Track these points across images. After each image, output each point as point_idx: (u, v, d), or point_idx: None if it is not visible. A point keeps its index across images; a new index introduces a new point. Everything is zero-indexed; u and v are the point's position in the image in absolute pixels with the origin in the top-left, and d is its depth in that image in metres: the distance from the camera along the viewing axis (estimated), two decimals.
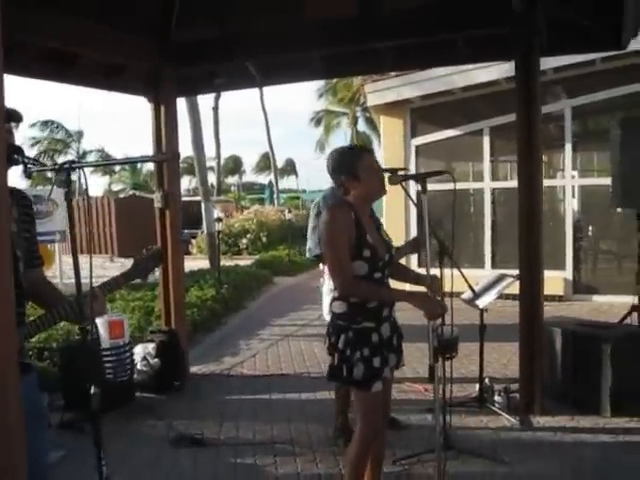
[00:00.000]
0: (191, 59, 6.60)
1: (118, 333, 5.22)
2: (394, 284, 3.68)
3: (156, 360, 6.31)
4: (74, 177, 2.46)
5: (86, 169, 2.45)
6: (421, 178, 3.43)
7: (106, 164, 6.36)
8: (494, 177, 11.42)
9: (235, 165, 59.16)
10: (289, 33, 6.17)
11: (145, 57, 6.47)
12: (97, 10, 5.71)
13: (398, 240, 4.19)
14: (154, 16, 6.36)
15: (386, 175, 3.52)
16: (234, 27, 6.38)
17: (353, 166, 3.39)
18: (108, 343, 5.19)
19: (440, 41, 6.13)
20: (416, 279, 3.66)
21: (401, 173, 3.72)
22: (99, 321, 5.15)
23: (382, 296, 3.37)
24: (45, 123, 38.63)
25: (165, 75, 6.62)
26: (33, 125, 37.26)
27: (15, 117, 2.53)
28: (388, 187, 3.51)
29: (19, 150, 2.45)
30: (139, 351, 6.33)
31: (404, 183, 3.63)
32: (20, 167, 2.45)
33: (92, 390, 2.35)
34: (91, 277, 2.54)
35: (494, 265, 10.85)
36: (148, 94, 6.78)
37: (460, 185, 12.02)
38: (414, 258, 10.71)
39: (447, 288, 4.23)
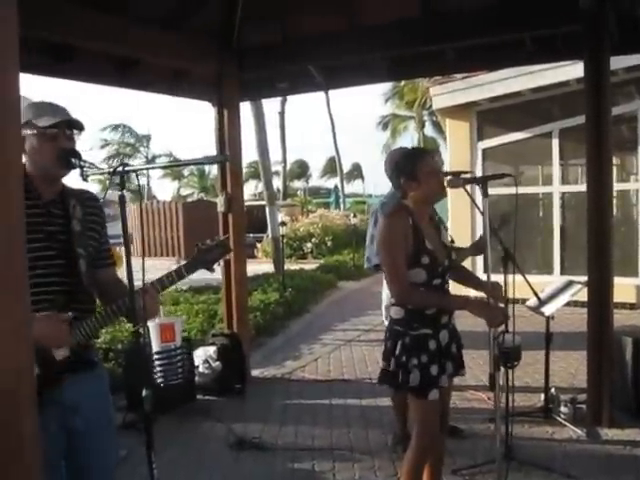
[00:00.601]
0: (254, 63, 6.64)
1: (169, 337, 5.26)
2: (456, 288, 3.59)
3: (218, 363, 6.35)
4: (141, 181, 2.49)
5: (155, 174, 2.47)
6: (482, 181, 3.33)
7: (160, 167, 6.53)
8: (564, 181, 11.10)
9: (301, 169, 59.48)
10: (351, 36, 6.13)
11: (208, 62, 6.53)
12: (162, 16, 5.79)
13: (463, 243, 4.09)
14: (217, 21, 6.41)
15: (446, 178, 3.44)
16: (296, 31, 6.36)
17: (412, 168, 3.32)
18: (159, 347, 5.23)
19: (506, 41, 5.98)
20: (478, 285, 3.55)
21: (465, 176, 3.63)
22: (150, 325, 5.20)
23: (439, 304, 3.29)
24: (116, 127, 39.70)
25: (228, 80, 6.67)
26: (104, 129, 38.36)
27: (77, 125, 2.58)
28: (454, 190, 3.44)
29: (76, 154, 2.49)
30: (200, 354, 6.39)
31: (468, 186, 3.54)
32: (77, 171, 2.50)
33: (144, 392, 2.33)
34: (143, 278, 2.57)
35: (563, 271, 10.53)
36: (212, 98, 6.85)
37: (529, 189, 11.77)
38: (480, 263, 10.54)
39: (511, 294, 4.13)
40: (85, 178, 2.55)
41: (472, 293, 4.01)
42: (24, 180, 2.54)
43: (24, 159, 2.55)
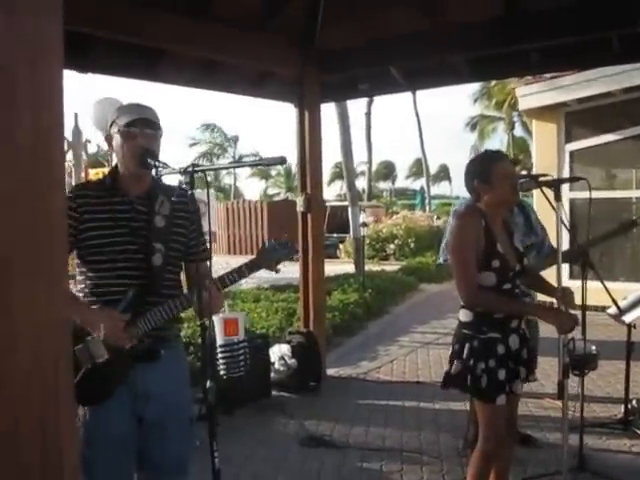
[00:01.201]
0: (335, 65, 6.69)
1: (232, 330, 5.37)
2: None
3: (293, 360, 6.44)
4: (229, 181, 2.58)
5: (243, 173, 2.56)
6: (554, 185, 3.26)
7: (223, 168, 6.69)
8: None
9: (387, 170, 59.32)
10: (433, 36, 6.08)
11: (290, 63, 6.62)
12: (243, 17, 5.91)
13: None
14: (299, 22, 6.48)
15: (519, 181, 3.39)
16: (378, 32, 6.36)
17: (485, 171, 3.30)
18: (223, 340, 5.37)
19: (591, 41, 5.82)
20: (549, 291, 3.48)
21: (544, 179, 3.57)
22: (215, 318, 5.34)
23: (507, 308, 3.24)
24: (207, 126, 40.63)
25: (309, 81, 6.75)
26: (197, 128, 39.41)
27: (152, 124, 2.69)
28: (540, 195, 3.38)
29: (152, 154, 2.60)
30: (276, 351, 6.50)
31: (548, 189, 3.46)
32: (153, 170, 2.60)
33: (207, 384, 2.41)
34: (211, 276, 2.65)
35: None
36: (293, 100, 6.95)
37: (620, 193, 11.39)
38: (566, 270, 10.27)
39: (588, 301, 4.03)
40: (159, 177, 2.68)
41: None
42: (113, 178, 2.71)
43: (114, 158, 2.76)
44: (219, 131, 41.25)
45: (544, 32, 5.58)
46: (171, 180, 2.73)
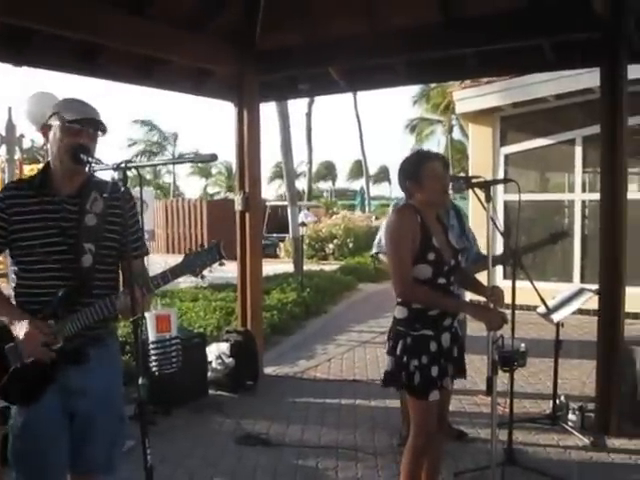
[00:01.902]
0: (274, 65, 6.70)
1: (164, 327, 5.37)
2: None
3: (230, 359, 6.42)
4: (169, 179, 2.56)
5: (183, 171, 2.55)
6: (485, 186, 3.36)
7: (156, 164, 6.58)
8: (586, 188, 11.02)
9: (328, 170, 59.55)
10: (371, 39, 6.15)
11: (229, 62, 6.61)
12: (183, 17, 5.89)
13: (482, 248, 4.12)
14: (239, 23, 6.48)
15: (451, 182, 3.47)
16: (317, 33, 6.41)
17: (415, 171, 3.38)
18: (155, 336, 5.35)
19: (526, 47, 5.98)
20: (479, 289, 3.57)
21: (476, 181, 3.66)
22: (147, 315, 5.32)
23: (439, 303, 3.32)
24: (142, 122, 39.97)
25: (248, 80, 6.74)
26: (132, 123, 38.69)
27: (101, 127, 2.66)
28: (474, 198, 3.46)
29: (85, 149, 2.57)
30: (214, 350, 6.48)
31: (480, 190, 3.54)
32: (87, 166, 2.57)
33: (140, 381, 2.41)
34: (146, 274, 2.63)
35: (583, 279, 10.46)
36: (232, 99, 6.93)
37: (551, 196, 11.72)
38: (499, 270, 10.50)
39: (521, 301, 4.17)
40: (92, 174, 2.65)
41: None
42: (44, 176, 2.66)
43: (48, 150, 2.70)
44: (155, 129, 40.58)
45: (480, 37, 5.72)
46: (107, 177, 2.69)
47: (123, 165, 2.36)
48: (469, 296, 4.92)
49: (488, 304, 3.31)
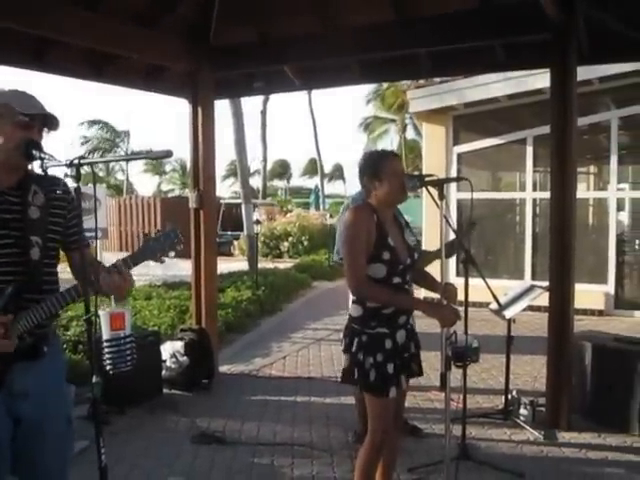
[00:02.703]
0: (229, 62, 6.67)
1: (119, 325, 5.32)
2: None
3: (185, 358, 6.38)
4: (122, 177, 2.50)
5: (135, 169, 2.49)
6: (438, 184, 3.40)
7: (110, 160, 6.50)
8: (537, 187, 11.24)
9: (283, 169, 59.48)
10: (326, 38, 6.17)
11: (183, 59, 6.55)
12: (137, 12, 5.82)
13: (435, 246, 4.17)
14: (193, 19, 6.44)
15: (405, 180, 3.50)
16: (272, 31, 6.40)
17: (376, 168, 3.40)
18: (109, 335, 5.30)
19: (479, 48, 6.08)
20: (433, 287, 3.61)
21: (430, 179, 3.70)
22: (101, 313, 5.26)
23: (394, 301, 3.34)
24: (93, 122, 39.31)
25: (203, 77, 6.70)
26: (81, 124, 37.98)
27: (53, 123, 2.59)
28: (428, 196, 3.50)
29: (37, 145, 2.51)
30: (168, 348, 6.42)
31: (434, 188, 3.58)
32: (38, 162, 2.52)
33: (94, 379, 2.37)
34: (97, 262, 2.58)
35: (534, 276, 10.66)
36: (187, 95, 6.88)
37: (502, 195, 11.93)
38: (452, 268, 10.64)
39: (474, 297, 4.23)
40: (45, 170, 2.58)
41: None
42: None
43: None
44: (106, 127, 39.88)
45: (433, 37, 5.79)
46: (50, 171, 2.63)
47: (76, 162, 2.32)
48: (423, 293, 4.99)
49: (441, 301, 3.35)
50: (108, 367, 5.20)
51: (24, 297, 2.50)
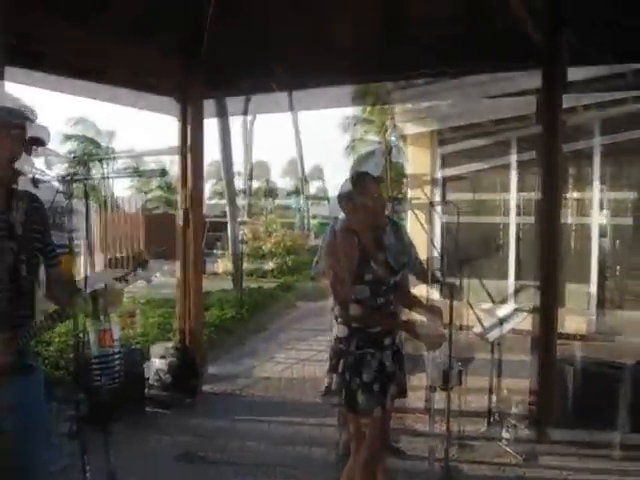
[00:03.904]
0: (220, 79, 6.71)
1: (108, 342, 5.32)
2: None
3: (168, 376, 6.36)
4: (106, 192, 2.50)
5: (121, 184, 2.51)
6: (427, 208, 3.45)
7: (105, 177, 6.51)
8: (521, 212, 11.33)
9: (268, 187, 59.40)
10: (319, 61, 6.22)
11: (175, 76, 6.59)
12: (128, 27, 5.85)
13: None
14: (185, 35, 6.48)
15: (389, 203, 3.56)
16: (264, 49, 6.45)
17: (353, 192, 3.46)
18: (98, 351, 5.29)
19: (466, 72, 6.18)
20: (418, 308, 3.64)
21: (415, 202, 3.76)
22: (90, 329, 5.24)
23: (380, 322, 3.37)
24: (78, 121, 38.83)
25: (193, 94, 6.75)
26: (68, 123, 37.50)
27: (39, 143, 2.58)
28: (412, 215, 3.56)
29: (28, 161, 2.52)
30: (151, 366, 6.40)
31: (421, 212, 3.65)
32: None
33: (79, 396, 2.36)
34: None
35: (517, 300, 10.71)
36: (176, 112, 6.89)
37: (487, 219, 12.00)
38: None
39: (451, 320, 4.26)
40: (36, 185, 2.59)
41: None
42: None
43: None
44: (92, 126, 39.31)
45: (420, 62, 5.88)
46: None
47: (69, 177, 2.34)
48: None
49: (427, 323, 3.37)
50: (97, 384, 5.16)
51: (16, 313, 2.50)
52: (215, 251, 21.52)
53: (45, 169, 2.49)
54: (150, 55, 6.16)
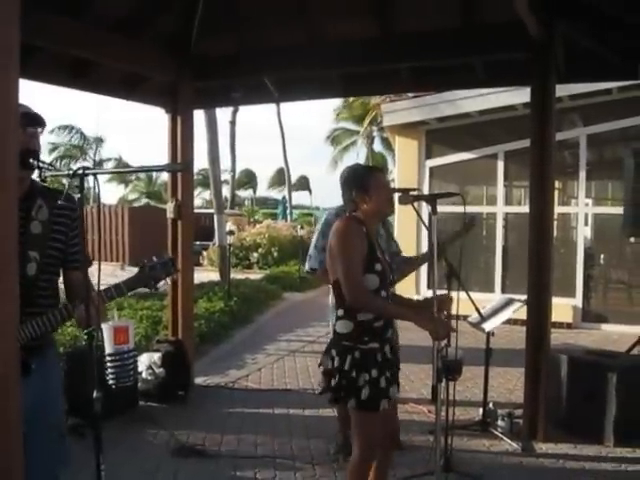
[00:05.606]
0: (209, 72, 6.67)
1: (122, 339, 5.27)
2: None
3: (161, 370, 6.32)
4: (88, 184, 2.46)
5: (102, 177, 2.47)
6: (432, 199, 3.44)
7: (121, 172, 6.39)
8: (507, 202, 11.41)
9: (248, 179, 59.24)
10: (308, 50, 6.21)
11: (164, 69, 6.53)
12: (119, 21, 5.79)
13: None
14: (175, 29, 6.43)
15: (397, 195, 3.55)
16: (253, 42, 6.42)
17: (364, 181, 3.42)
18: (112, 348, 5.23)
19: (459, 64, 6.18)
20: (406, 304, 3.64)
21: (413, 194, 3.76)
22: (104, 326, 5.20)
23: (393, 312, 3.37)
24: (64, 128, 38.57)
25: (183, 87, 6.67)
26: (52, 131, 37.24)
27: (39, 121, 2.57)
28: (400, 207, 3.55)
29: (35, 154, 2.49)
30: (144, 360, 6.35)
31: (415, 203, 3.64)
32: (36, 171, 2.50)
33: (94, 394, 2.34)
34: (99, 283, 2.56)
35: (504, 290, 10.81)
36: (166, 105, 6.85)
37: (473, 208, 12.02)
38: (424, 281, 10.74)
39: (454, 310, 4.26)
40: (43, 179, 2.56)
41: None
42: None
43: None
44: (78, 133, 39.09)
45: (414, 54, 5.88)
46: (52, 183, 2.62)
47: (81, 172, 2.30)
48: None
49: (435, 312, 3.36)
50: (111, 382, 5.12)
51: (22, 311, 2.47)
52: (199, 243, 21.42)
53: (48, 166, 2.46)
54: (140, 48, 6.10)
